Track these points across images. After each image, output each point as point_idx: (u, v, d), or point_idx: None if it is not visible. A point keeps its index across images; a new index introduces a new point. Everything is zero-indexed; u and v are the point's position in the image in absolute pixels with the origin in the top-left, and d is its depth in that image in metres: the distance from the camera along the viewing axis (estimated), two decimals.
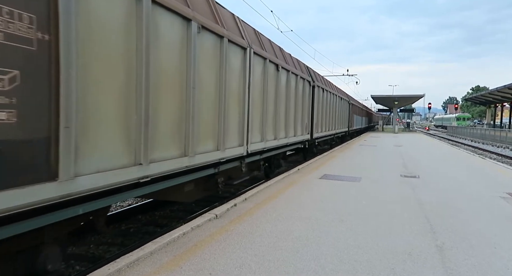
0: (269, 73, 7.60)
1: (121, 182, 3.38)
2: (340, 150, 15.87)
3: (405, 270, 3.30)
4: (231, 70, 5.75)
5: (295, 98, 9.89)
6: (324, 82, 14.65)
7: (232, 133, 5.88)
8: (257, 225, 4.52)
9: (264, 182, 7.77)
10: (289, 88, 9.22)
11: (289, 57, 9.72)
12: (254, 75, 6.76)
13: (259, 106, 7.19)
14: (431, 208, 5.58)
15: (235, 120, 6.03)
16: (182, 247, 3.75)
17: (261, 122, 7.28)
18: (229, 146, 5.72)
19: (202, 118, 4.88)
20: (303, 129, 10.93)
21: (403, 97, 38.03)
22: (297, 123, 10.19)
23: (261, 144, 7.23)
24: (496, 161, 15.53)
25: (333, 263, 3.42)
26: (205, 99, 4.99)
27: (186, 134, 4.50)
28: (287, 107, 9.11)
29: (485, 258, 3.63)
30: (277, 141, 8.29)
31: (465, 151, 18.20)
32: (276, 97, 8.20)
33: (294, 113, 9.81)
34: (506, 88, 29.52)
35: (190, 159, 4.57)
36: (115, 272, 3.09)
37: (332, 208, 5.48)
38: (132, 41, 3.51)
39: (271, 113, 7.88)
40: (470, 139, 35.72)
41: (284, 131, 8.91)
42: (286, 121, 9.03)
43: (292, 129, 9.66)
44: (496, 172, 9.84)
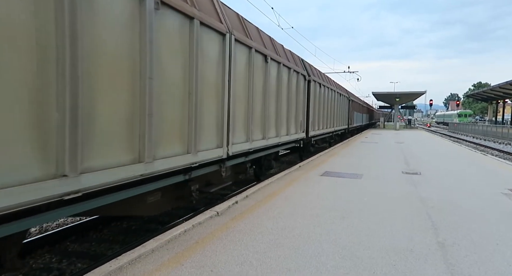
0: (256, 65, 6.78)
1: (32, 202, 2.53)
2: (341, 147, 15.84)
3: (406, 266, 3.30)
4: (205, 58, 4.91)
5: (288, 94, 9.08)
6: (321, 77, 13.89)
7: (208, 133, 5.08)
8: (259, 222, 4.52)
9: (264, 180, 7.76)
10: (281, 83, 8.36)
11: (281, 49, 8.92)
12: (237, 66, 5.95)
13: (244, 102, 6.36)
14: (432, 205, 5.57)
15: (212, 118, 5.20)
16: (184, 244, 3.75)
17: (246, 121, 6.47)
18: (203, 148, 4.92)
19: (164, 116, 4.07)
20: (297, 127, 10.16)
21: (405, 94, 37.95)
22: (291, 121, 9.41)
23: (246, 145, 6.44)
24: (498, 157, 15.49)
25: (334, 260, 3.42)
26: (169, 92, 4.14)
27: (141, 135, 3.67)
28: (279, 104, 8.32)
29: (487, 255, 3.63)
30: (266, 140, 7.50)
31: (466, 147, 18.16)
32: (265, 92, 7.39)
33: (286, 110, 9.02)
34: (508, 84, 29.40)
35: (147, 165, 3.73)
36: (117, 269, 3.10)
37: (334, 205, 5.48)
38: (49, 12, 2.64)
39: (258, 110, 7.09)
40: (472, 136, 35.63)
41: (274, 130, 8.14)
42: (277, 119, 8.26)
43: (284, 128, 8.87)
44: (498, 168, 9.81)
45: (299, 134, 10.33)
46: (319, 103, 13.06)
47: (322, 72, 14.83)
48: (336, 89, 16.95)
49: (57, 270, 4.14)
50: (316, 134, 12.69)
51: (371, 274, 3.13)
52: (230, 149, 5.75)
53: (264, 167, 8.51)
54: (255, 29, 7.27)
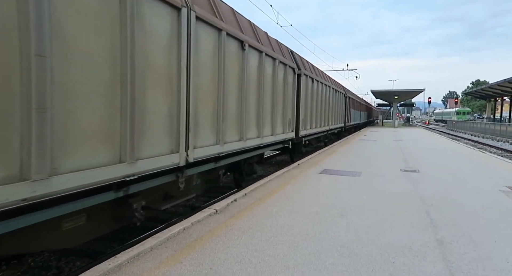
0: (229, 52, 5.66)
1: None
2: (340, 145, 15.85)
3: (405, 264, 3.30)
4: (149, 37, 3.79)
5: (273, 89, 7.98)
6: (314, 71, 12.74)
7: (155, 135, 3.92)
8: (258, 220, 4.52)
9: (264, 178, 7.76)
10: (263, 75, 7.21)
11: (265, 37, 7.76)
12: (201, 51, 4.84)
13: (212, 96, 5.25)
14: (431, 202, 5.58)
15: (161, 116, 4.03)
16: (182, 242, 3.75)
17: (215, 119, 5.35)
18: (146, 154, 3.77)
19: (74, 111, 2.93)
20: (285, 126, 9.01)
21: (403, 92, 37.97)
22: (276, 119, 8.28)
23: (214, 148, 5.33)
24: (496, 154, 15.53)
25: (333, 257, 3.42)
26: (82, 77, 3.01)
27: (24, 138, 2.53)
28: (261, 100, 7.18)
29: (485, 252, 3.63)
30: (244, 142, 6.40)
31: (465, 145, 18.20)
32: (242, 86, 6.27)
33: (271, 107, 7.93)
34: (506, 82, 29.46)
35: (37, 185, 2.58)
36: (116, 267, 3.09)
37: (332, 202, 5.48)
38: None
39: (233, 106, 5.98)
40: (470, 133, 35.71)
41: (255, 130, 7.07)
42: (258, 118, 7.16)
43: (268, 127, 7.81)
44: (496, 166, 9.83)
45: (287, 134, 9.23)
46: (312, 99, 12.01)
47: (315, 66, 13.74)
48: (332, 85, 15.86)
49: (55, 269, 4.13)
50: (308, 134, 11.61)
51: (369, 271, 3.13)
52: (191, 154, 4.62)
53: (246, 172, 7.39)
54: (230, 10, 6.11)
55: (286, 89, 9.01)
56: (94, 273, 2.94)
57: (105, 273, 2.98)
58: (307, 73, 11.00)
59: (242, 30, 6.21)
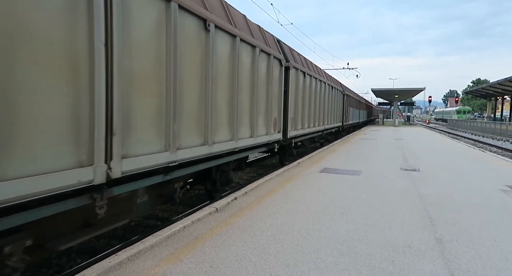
0: (183, 31, 4.38)
1: None
2: (340, 144, 15.86)
3: (404, 262, 3.32)
4: None
5: (252, 82, 6.75)
6: (307, 65, 11.56)
7: (37, 143, 2.63)
8: (258, 219, 4.53)
9: (264, 176, 7.77)
10: (238, 65, 5.98)
11: (242, 19, 6.47)
12: (134, 24, 3.57)
13: (156, 87, 3.93)
14: (431, 201, 5.59)
15: (52, 115, 2.74)
16: (183, 240, 3.76)
17: (163, 117, 4.06)
18: (34, 170, 2.60)
19: None
20: (269, 126, 7.79)
21: (404, 91, 37.94)
22: (257, 118, 7.04)
23: (162, 156, 4.01)
24: (496, 154, 15.53)
25: (333, 255, 3.43)
26: None
27: None
28: (235, 95, 5.93)
29: (484, 251, 3.65)
30: (210, 147, 5.09)
31: (465, 144, 18.19)
32: (207, 76, 5.00)
33: (249, 104, 6.71)
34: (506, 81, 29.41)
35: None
36: (116, 265, 3.11)
37: (332, 201, 5.49)
38: None
39: (192, 101, 4.69)
40: (471, 132, 35.69)
41: (228, 132, 5.82)
42: (232, 116, 5.89)
43: (246, 128, 6.56)
44: (496, 165, 9.84)
45: (271, 136, 7.96)
46: (304, 96, 10.85)
47: (309, 60, 12.51)
48: (327, 81, 14.66)
49: (56, 266, 4.15)
50: (299, 135, 10.48)
51: (369, 270, 3.15)
52: (117, 166, 3.34)
53: (220, 181, 6.28)
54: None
55: (271, 84, 7.78)
56: (95, 270, 2.96)
57: (105, 271, 2.99)
58: (297, 66, 9.80)
59: (206, 6, 4.94)
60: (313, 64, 13.11)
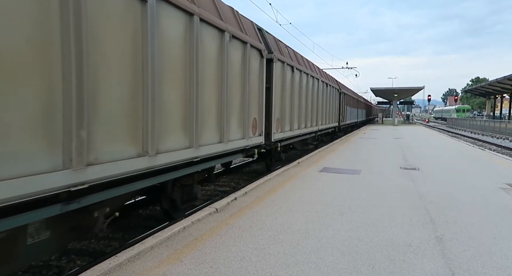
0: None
1: None
2: (340, 143, 15.86)
3: (405, 261, 3.31)
4: None
5: (221, 74, 5.50)
6: (296, 59, 10.35)
7: None
8: (258, 219, 4.53)
9: (264, 175, 7.76)
10: (197, 51, 4.69)
11: None
12: None
13: (41, 72, 2.63)
14: (430, 200, 5.59)
15: None
16: (183, 241, 3.76)
17: (53, 118, 2.75)
18: None
19: None
20: (247, 129, 6.59)
21: (403, 90, 37.95)
22: (228, 119, 5.80)
23: (53, 178, 2.70)
24: (496, 152, 15.54)
25: (333, 255, 3.43)
26: None
27: None
28: (192, 89, 4.66)
29: (485, 249, 3.64)
30: (151, 158, 3.82)
31: (464, 142, 18.21)
32: (144, 64, 3.72)
33: (217, 102, 5.47)
34: (506, 79, 29.45)
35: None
36: (116, 267, 3.10)
37: (332, 200, 5.49)
38: None
39: (122, 95, 3.47)
40: (470, 131, 35.72)
41: (184, 137, 4.55)
42: (189, 116, 4.62)
43: (212, 131, 5.32)
44: (495, 163, 9.84)
45: (249, 140, 6.72)
46: (292, 94, 9.77)
47: (299, 54, 11.29)
48: (321, 78, 13.53)
49: (56, 268, 4.14)
50: (287, 137, 9.35)
51: (369, 269, 3.14)
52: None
53: (182, 198, 5.19)
54: None
55: (248, 78, 6.56)
56: (94, 272, 2.95)
57: (105, 272, 2.98)
58: (283, 59, 8.64)
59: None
60: (305, 58, 12.00)
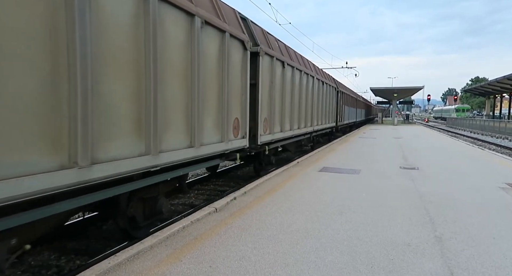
0: None
1: None
2: (339, 143, 15.86)
3: (404, 260, 3.32)
4: None
5: (191, 66, 4.67)
6: (288, 53, 9.63)
7: None
8: (257, 218, 4.53)
9: (264, 176, 7.77)
10: (155, 37, 3.90)
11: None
12: None
13: None
14: (430, 199, 5.59)
15: None
16: (182, 240, 3.76)
17: None
18: None
19: None
20: (226, 130, 5.74)
21: (402, 90, 37.97)
22: (201, 119, 4.93)
23: None
24: (495, 151, 15.55)
25: (332, 254, 3.43)
26: None
27: None
28: (148, 80, 3.83)
29: (484, 248, 3.65)
30: (80, 171, 2.98)
31: (464, 142, 18.22)
32: (69, 46, 2.85)
33: (186, 98, 4.62)
34: (505, 79, 29.46)
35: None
36: (115, 266, 3.10)
37: (332, 200, 5.49)
38: None
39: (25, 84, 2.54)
40: (470, 130, 35.74)
41: (136, 140, 3.72)
42: (144, 115, 3.81)
43: (179, 133, 4.49)
44: (495, 163, 9.85)
45: (229, 143, 5.89)
46: (283, 92, 8.93)
47: (292, 49, 10.43)
48: (317, 75, 12.70)
49: (56, 267, 4.15)
50: (276, 139, 8.46)
51: (369, 268, 3.15)
52: None
53: (144, 214, 4.54)
54: None
55: (227, 73, 5.69)
56: (94, 271, 2.95)
57: (105, 272, 2.99)
58: (272, 53, 7.82)
59: None
60: (299, 54, 11.20)
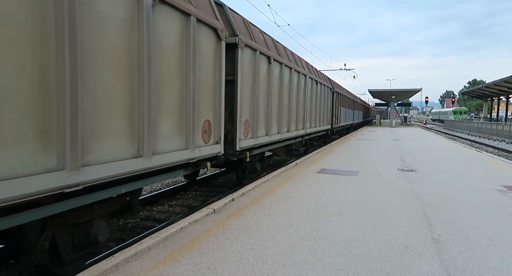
0: None
1: None
2: (338, 144, 15.89)
3: (402, 262, 3.33)
4: None
5: (137, 51, 3.66)
6: (276, 48, 8.59)
7: None
8: (255, 219, 4.53)
9: (262, 176, 7.77)
10: (78, 8, 2.85)
11: None
12: None
13: None
14: (428, 201, 5.61)
15: None
16: (180, 241, 3.76)
17: None
18: None
19: None
20: (192, 135, 4.74)
21: (401, 92, 38.13)
22: (154, 121, 3.91)
23: None
24: (493, 154, 15.61)
25: (330, 256, 3.44)
26: None
27: None
28: (63, 66, 2.77)
29: (481, 250, 3.66)
30: None
31: (462, 144, 18.28)
32: None
33: (129, 93, 3.59)
34: (502, 81, 29.59)
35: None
36: (113, 267, 3.10)
37: (330, 202, 5.50)
38: None
39: None
40: (467, 132, 35.86)
41: (46, 150, 2.68)
42: (58, 114, 2.76)
43: (118, 139, 3.46)
44: (492, 165, 9.89)
45: (195, 151, 4.80)
46: (269, 91, 7.96)
47: (281, 44, 9.38)
48: (309, 74, 11.79)
49: None
50: (260, 144, 7.48)
51: (366, 270, 3.15)
52: None
53: (74, 242, 3.52)
54: None
55: (193, 64, 4.69)
56: (92, 272, 2.95)
57: (102, 273, 2.98)
58: (255, 46, 6.85)
59: None
60: (289, 50, 10.17)
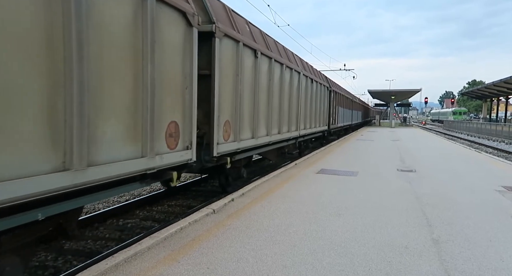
0: None
1: None
2: (337, 145, 15.89)
3: (401, 262, 3.33)
4: None
5: (62, 32, 2.70)
6: (265, 40, 7.87)
7: None
8: (255, 220, 4.53)
9: (262, 178, 7.77)
10: None
11: None
12: None
13: None
14: (427, 202, 5.62)
15: None
16: (180, 241, 3.75)
17: None
18: None
19: None
20: (151, 140, 3.85)
21: (400, 92, 38.16)
22: (95, 123, 3.10)
23: None
24: (492, 154, 15.63)
25: (330, 256, 3.44)
26: None
27: None
28: None
29: (480, 251, 3.67)
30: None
31: (461, 145, 18.30)
32: None
33: (51, 91, 2.66)
34: (502, 82, 29.61)
35: None
36: (113, 267, 3.09)
37: (329, 202, 5.50)
38: None
39: None
40: (466, 133, 35.89)
41: None
42: None
43: (36, 147, 2.55)
44: (491, 166, 9.90)
45: (155, 159, 3.95)
46: (256, 88, 7.14)
47: (271, 37, 8.62)
48: (304, 71, 11.09)
49: (52, 268, 4.13)
50: (244, 147, 6.72)
51: (366, 270, 3.16)
52: None
53: None
54: None
55: (153, 56, 3.86)
56: (91, 272, 2.95)
57: (102, 273, 2.98)
58: (237, 36, 6.13)
59: None
60: (280, 45, 9.37)
